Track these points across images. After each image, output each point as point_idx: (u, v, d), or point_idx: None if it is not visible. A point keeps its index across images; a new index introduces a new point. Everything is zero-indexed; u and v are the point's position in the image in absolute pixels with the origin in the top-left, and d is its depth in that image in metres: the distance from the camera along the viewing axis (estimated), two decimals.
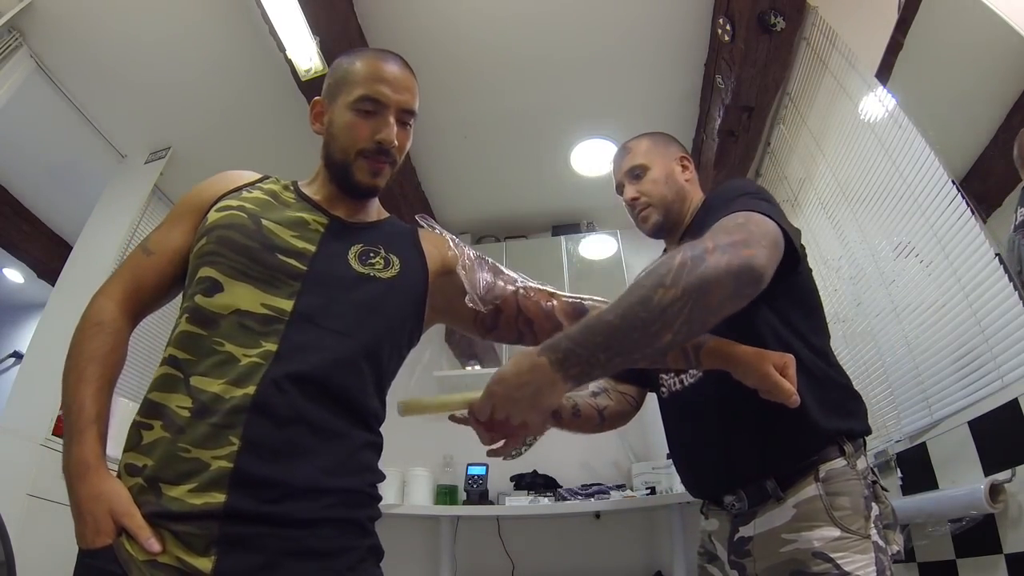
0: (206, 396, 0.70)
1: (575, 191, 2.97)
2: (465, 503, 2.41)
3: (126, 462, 0.72)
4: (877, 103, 1.60)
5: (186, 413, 0.70)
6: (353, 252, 0.85)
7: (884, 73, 1.56)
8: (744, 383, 0.87)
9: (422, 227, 0.97)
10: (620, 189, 1.28)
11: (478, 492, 2.38)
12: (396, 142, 0.89)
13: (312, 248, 0.83)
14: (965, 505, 1.18)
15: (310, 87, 2.09)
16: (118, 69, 2.19)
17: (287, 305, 0.76)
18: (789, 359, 0.86)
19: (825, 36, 1.84)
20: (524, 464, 2.61)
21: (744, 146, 2.36)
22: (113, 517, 0.66)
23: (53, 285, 2.29)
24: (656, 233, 1.25)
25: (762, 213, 0.86)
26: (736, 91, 2.08)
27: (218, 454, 0.67)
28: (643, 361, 0.76)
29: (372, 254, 0.86)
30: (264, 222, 0.83)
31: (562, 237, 3.04)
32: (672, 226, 1.23)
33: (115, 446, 0.73)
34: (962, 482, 1.25)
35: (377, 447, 0.82)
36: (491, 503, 2.40)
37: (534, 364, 0.72)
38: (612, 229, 3.02)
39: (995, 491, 1.13)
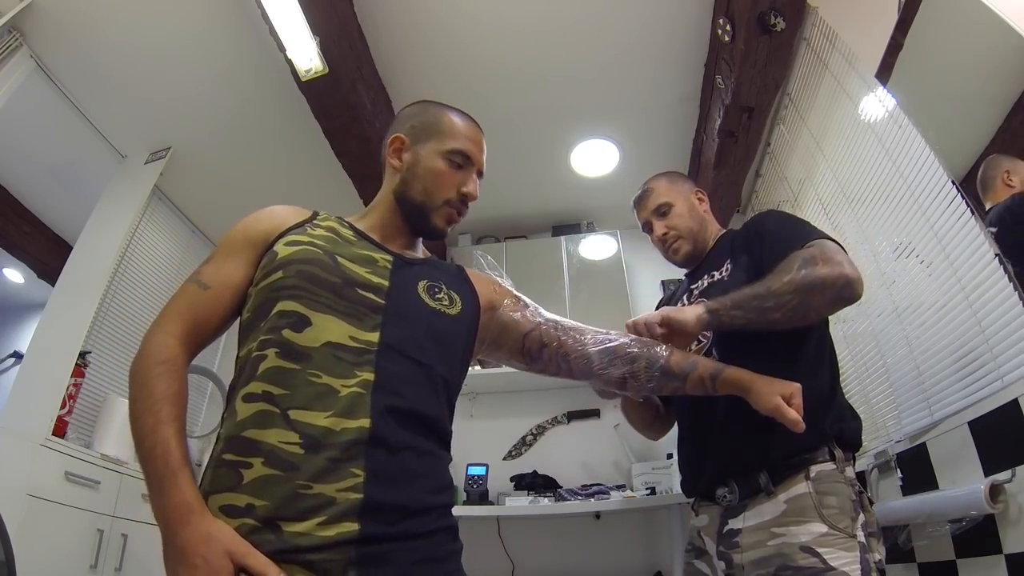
0: (315, 430, 0.72)
1: (575, 191, 2.97)
2: (465, 503, 2.39)
3: (223, 503, 0.69)
4: (877, 103, 1.60)
5: (296, 449, 0.70)
6: (421, 287, 0.91)
7: (884, 73, 1.56)
8: (756, 409, 0.97)
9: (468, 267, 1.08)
10: (647, 227, 1.39)
11: (478, 492, 2.38)
12: (476, 198, 1.02)
13: (386, 283, 0.87)
14: (965, 505, 1.18)
15: (310, 87, 2.09)
16: (118, 69, 2.19)
17: (373, 337, 0.80)
18: (796, 389, 0.95)
19: (825, 36, 1.84)
20: (524, 464, 2.61)
21: (744, 146, 2.36)
22: (232, 559, 0.64)
23: (53, 285, 2.29)
24: (687, 263, 1.36)
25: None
26: (736, 91, 2.08)
27: (342, 487, 0.70)
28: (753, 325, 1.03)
29: (437, 290, 0.92)
30: (339, 259, 0.86)
31: (562, 237, 3.04)
32: (699, 254, 1.34)
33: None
34: (962, 482, 1.25)
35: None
36: (491, 503, 2.39)
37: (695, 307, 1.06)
38: (612, 229, 3.03)
39: (995, 491, 1.13)
